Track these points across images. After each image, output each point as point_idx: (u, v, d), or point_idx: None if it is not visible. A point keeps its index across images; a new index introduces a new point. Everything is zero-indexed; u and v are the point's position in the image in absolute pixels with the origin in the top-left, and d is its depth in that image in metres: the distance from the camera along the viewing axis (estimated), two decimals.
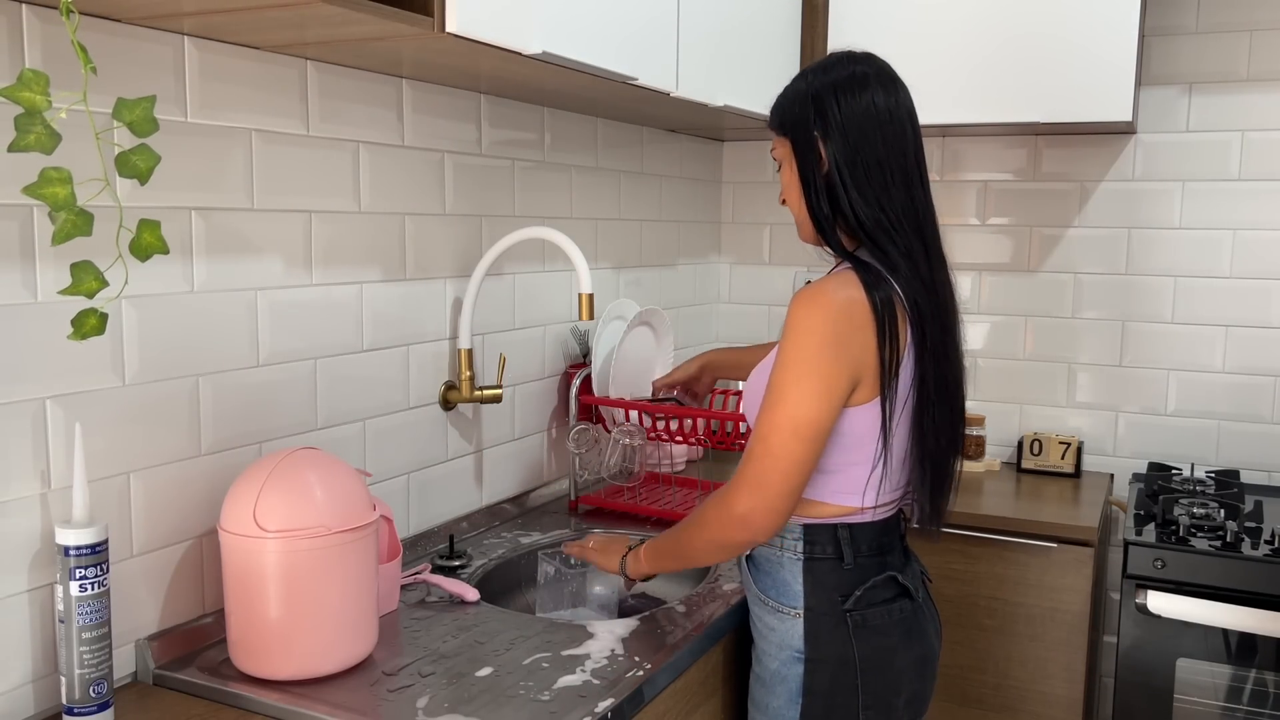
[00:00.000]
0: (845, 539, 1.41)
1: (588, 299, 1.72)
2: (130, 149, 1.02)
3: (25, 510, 1.22)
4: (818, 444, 1.31)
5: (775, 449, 1.30)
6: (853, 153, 1.36)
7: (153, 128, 1.01)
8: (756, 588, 1.46)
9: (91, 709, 1.20)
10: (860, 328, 1.31)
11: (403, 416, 1.80)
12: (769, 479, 1.30)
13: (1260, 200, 2.46)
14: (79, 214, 0.98)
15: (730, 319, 3.06)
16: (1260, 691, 2.04)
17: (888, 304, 1.33)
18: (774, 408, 1.31)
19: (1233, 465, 2.54)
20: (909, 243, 1.37)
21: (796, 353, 1.31)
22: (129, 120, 1.00)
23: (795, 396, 1.30)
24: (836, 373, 1.30)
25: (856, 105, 1.36)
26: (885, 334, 1.32)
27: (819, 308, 1.31)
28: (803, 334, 1.31)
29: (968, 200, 2.73)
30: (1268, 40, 2.43)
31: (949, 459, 1.45)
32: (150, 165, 1.02)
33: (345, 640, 1.33)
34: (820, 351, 1.30)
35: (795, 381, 1.30)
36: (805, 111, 1.38)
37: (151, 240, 1.04)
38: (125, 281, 1.17)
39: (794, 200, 1.43)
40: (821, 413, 1.30)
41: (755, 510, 1.31)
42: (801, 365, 1.30)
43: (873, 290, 1.32)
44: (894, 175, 1.37)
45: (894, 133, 1.37)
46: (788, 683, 1.42)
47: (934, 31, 2.38)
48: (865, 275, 1.33)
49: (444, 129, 1.84)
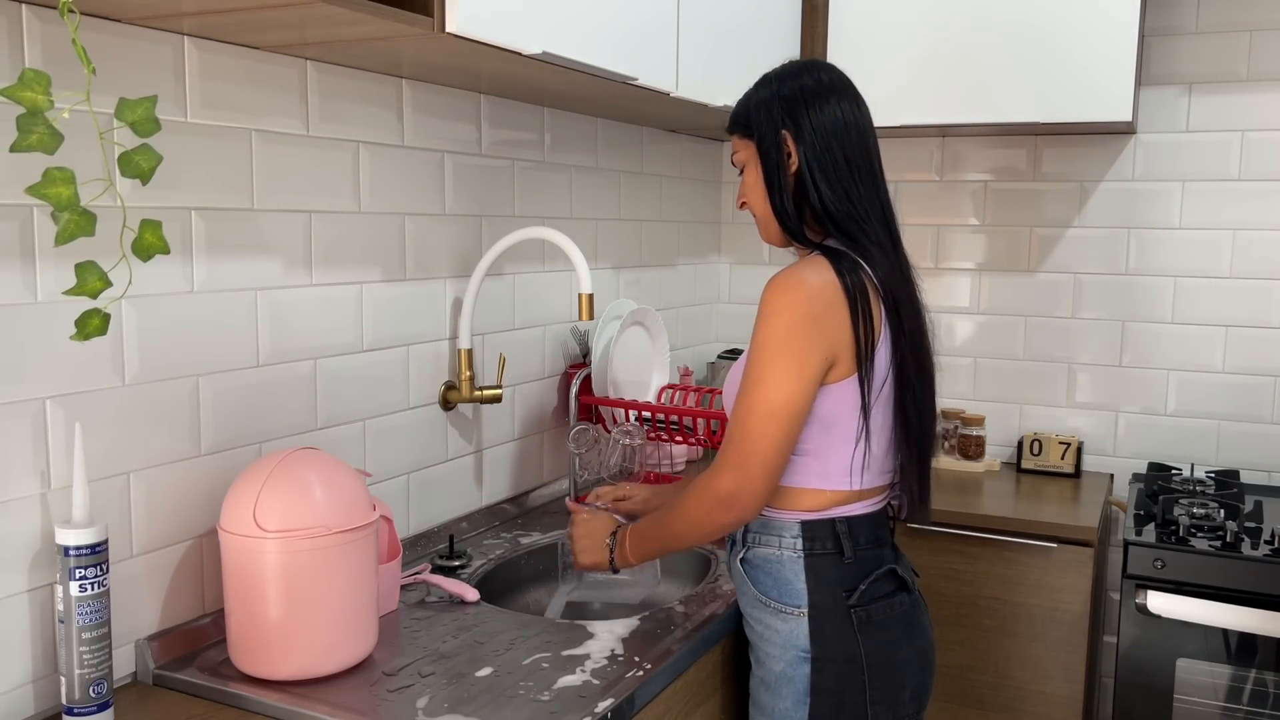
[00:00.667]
0: (844, 532, 1.42)
1: (587, 299, 1.72)
2: (133, 149, 1.02)
3: (25, 510, 1.22)
4: (794, 424, 1.34)
5: (753, 431, 1.34)
6: (822, 151, 1.41)
7: (154, 127, 1.02)
8: (756, 589, 1.46)
9: (91, 709, 1.20)
10: (832, 306, 1.34)
11: (403, 416, 1.80)
12: (749, 461, 1.34)
13: (1260, 200, 2.46)
14: (82, 214, 0.98)
15: (730, 319, 3.06)
16: (1260, 691, 2.04)
17: (860, 286, 1.36)
18: (750, 392, 1.35)
19: (1233, 465, 2.54)
20: (879, 235, 1.42)
21: (769, 337, 1.34)
22: (131, 120, 1.00)
23: (770, 379, 1.33)
24: (809, 353, 1.33)
25: (824, 109, 1.42)
26: (858, 313, 1.35)
27: (789, 289, 1.34)
28: (774, 317, 1.34)
29: (967, 200, 2.73)
30: (1268, 40, 2.43)
31: (930, 445, 1.49)
32: (153, 165, 1.03)
33: (345, 640, 1.33)
34: (792, 333, 1.33)
35: (769, 364, 1.33)
36: (773, 113, 1.43)
37: (154, 240, 1.05)
38: (129, 282, 1.17)
39: (758, 201, 1.47)
40: (796, 394, 1.33)
41: (738, 491, 1.35)
42: (774, 348, 1.33)
43: (844, 274, 1.36)
44: (860, 174, 1.42)
45: (859, 137, 1.43)
46: (794, 683, 1.41)
47: (934, 31, 2.38)
48: (836, 261, 1.37)
49: (444, 129, 1.84)
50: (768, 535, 1.44)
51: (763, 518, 1.45)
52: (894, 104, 2.41)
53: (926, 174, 2.76)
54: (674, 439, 2.18)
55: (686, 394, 2.23)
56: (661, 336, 2.35)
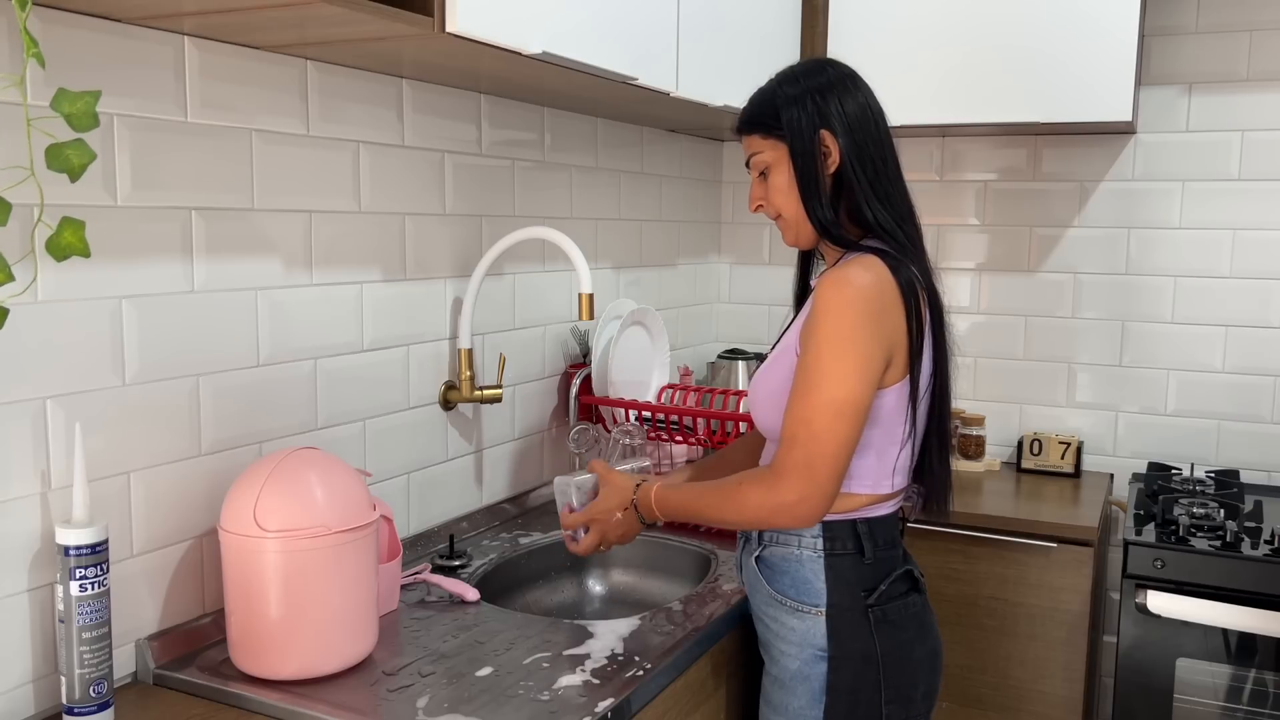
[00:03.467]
0: (865, 533, 1.41)
1: (588, 299, 1.72)
2: (64, 142, 0.97)
3: (25, 510, 1.22)
4: (860, 421, 1.30)
5: (820, 432, 1.28)
6: (860, 149, 1.38)
7: (92, 123, 0.96)
8: (771, 588, 1.45)
9: (91, 709, 1.20)
10: (891, 305, 1.33)
11: (403, 416, 1.80)
12: (817, 464, 1.28)
13: (1260, 200, 2.46)
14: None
15: (730, 319, 3.06)
16: (1260, 691, 2.04)
17: (911, 285, 1.35)
18: (813, 390, 1.29)
19: (1233, 465, 2.54)
20: (912, 234, 1.42)
21: (832, 332, 1.29)
22: (68, 112, 0.95)
23: (836, 375, 1.28)
24: (873, 349, 1.30)
25: (855, 104, 1.40)
26: (912, 313, 1.34)
27: (850, 287, 1.30)
28: (837, 315, 1.29)
29: (968, 200, 2.73)
30: (1268, 40, 2.43)
31: (950, 441, 1.50)
32: (84, 161, 0.97)
33: (345, 640, 1.33)
34: (856, 328, 1.29)
35: (834, 361, 1.28)
36: (807, 111, 1.39)
37: (72, 240, 0.98)
38: (33, 280, 1.14)
39: (789, 204, 1.42)
40: (861, 390, 1.29)
41: (806, 498, 1.29)
42: (839, 344, 1.28)
43: (897, 271, 1.34)
44: (895, 172, 1.42)
45: (885, 131, 1.42)
46: (810, 682, 1.41)
47: (934, 31, 2.38)
48: (887, 259, 1.35)
49: (444, 129, 1.84)
50: (785, 535, 1.43)
51: None
52: (894, 104, 2.36)
53: (926, 174, 2.76)
54: (674, 439, 2.18)
55: (686, 394, 2.23)
56: (661, 336, 2.35)
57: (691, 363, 2.88)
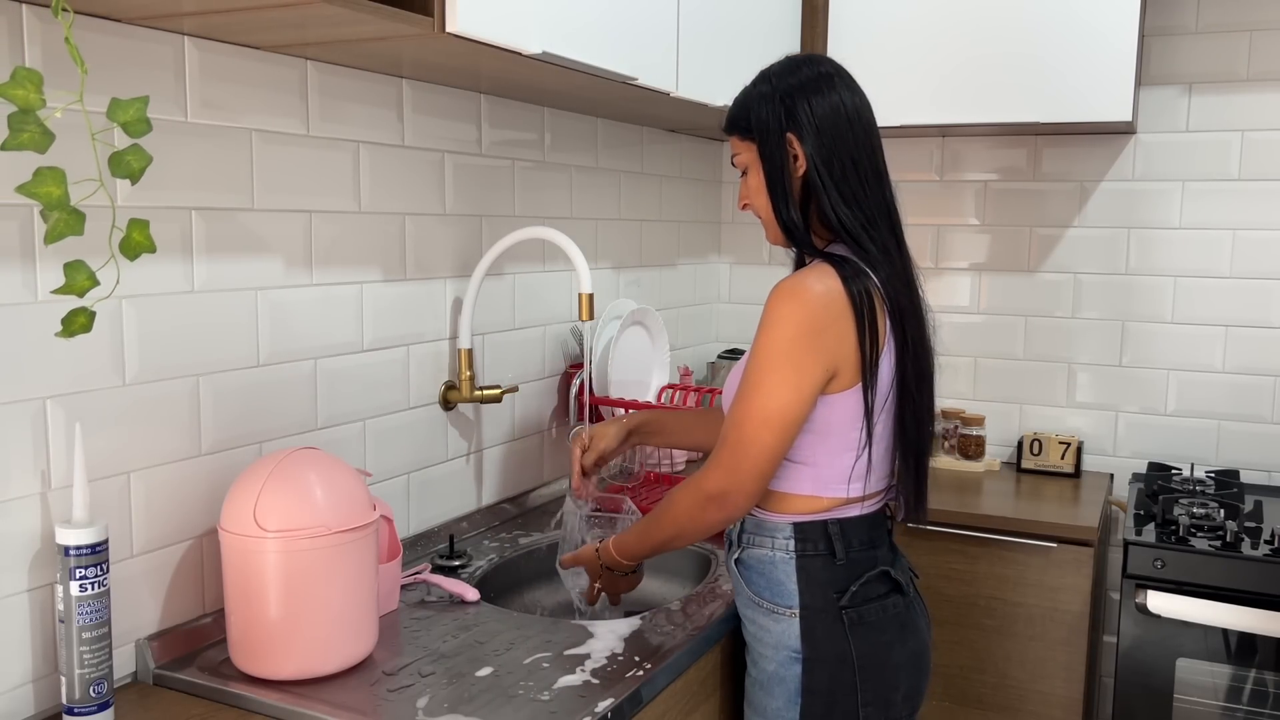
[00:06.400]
0: (836, 534, 1.41)
1: (588, 299, 1.72)
2: (123, 149, 1.02)
3: (25, 510, 1.22)
4: (789, 433, 1.34)
5: (747, 436, 1.34)
6: (828, 152, 1.37)
7: (145, 128, 1.01)
8: (750, 590, 1.46)
9: (91, 709, 1.20)
10: (837, 318, 1.33)
11: (403, 416, 1.80)
12: (741, 464, 1.35)
13: (1260, 200, 2.46)
14: (71, 213, 0.98)
15: (730, 319, 3.06)
16: (1260, 691, 2.04)
17: (865, 296, 1.35)
18: (748, 397, 1.34)
19: (1233, 465, 2.54)
20: (885, 239, 1.40)
21: (771, 344, 1.33)
22: (123, 121, 1.00)
23: (768, 387, 1.32)
24: (810, 364, 1.32)
25: (825, 104, 1.38)
26: (864, 325, 1.34)
27: (794, 298, 1.33)
28: (778, 325, 1.33)
29: (967, 200, 2.73)
30: (1268, 40, 2.43)
31: (927, 449, 1.49)
32: (143, 165, 1.02)
33: (345, 640, 1.33)
34: (794, 342, 1.32)
35: (769, 372, 1.33)
36: (775, 113, 1.39)
37: (140, 239, 1.05)
38: (117, 281, 1.17)
39: (762, 204, 1.43)
40: (792, 404, 1.32)
41: (728, 491, 1.35)
42: (775, 357, 1.32)
43: (850, 282, 1.34)
44: (867, 175, 1.40)
45: (864, 135, 1.40)
46: (786, 683, 1.42)
47: (934, 31, 2.38)
48: (842, 269, 1.35)
49: (444, 129, 1.84)
50: (761, 536, 1.44)
51: (756, 519, 1.45)
52: (894, 104, 2.41)
53: (926, 174, 2.76)
54: None
55: (686, 394, 2.23)
56: (661, 336, 2.35)
57: (691, 363, 2.88)
